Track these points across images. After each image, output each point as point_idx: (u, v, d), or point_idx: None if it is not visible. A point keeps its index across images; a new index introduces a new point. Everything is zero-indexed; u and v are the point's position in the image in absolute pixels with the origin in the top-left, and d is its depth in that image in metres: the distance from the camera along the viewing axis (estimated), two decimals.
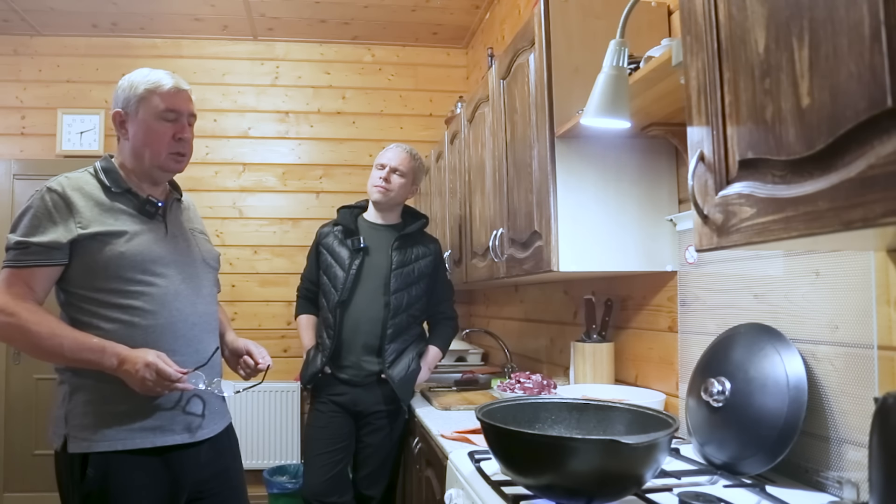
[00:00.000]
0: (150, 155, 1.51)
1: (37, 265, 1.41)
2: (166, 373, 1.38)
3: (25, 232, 1.41)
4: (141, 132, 1.50)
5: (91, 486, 1.39)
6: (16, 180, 3.80)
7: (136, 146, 1.51)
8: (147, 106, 1.50)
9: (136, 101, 1.50)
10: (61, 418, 1.43)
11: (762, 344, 1.25)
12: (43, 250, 1.40)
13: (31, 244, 1.40)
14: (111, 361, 1.38)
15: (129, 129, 1.52)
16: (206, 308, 1.58)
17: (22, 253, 1.41)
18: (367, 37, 4.08)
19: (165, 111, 1.50)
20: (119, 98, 1.52)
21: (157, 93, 1.50)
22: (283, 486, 3.40)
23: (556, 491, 1.07)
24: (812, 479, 1.19)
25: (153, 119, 1.50)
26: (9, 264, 1.41)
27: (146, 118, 1.50)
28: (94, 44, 3.95)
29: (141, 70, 1.54)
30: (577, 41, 1.66)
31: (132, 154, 1.53)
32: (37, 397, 3.69)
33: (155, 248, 1.50)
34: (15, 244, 1.41)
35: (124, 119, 1.52)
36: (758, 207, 0.82)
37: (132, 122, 1.51)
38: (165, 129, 1.51)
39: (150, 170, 1.53)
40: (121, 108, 1.52)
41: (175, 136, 1.52)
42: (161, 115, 1.50)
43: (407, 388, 2.30)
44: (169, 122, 1.51)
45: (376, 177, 2.40)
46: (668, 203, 1.71)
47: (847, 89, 0.66)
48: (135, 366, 1.37)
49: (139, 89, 1.50)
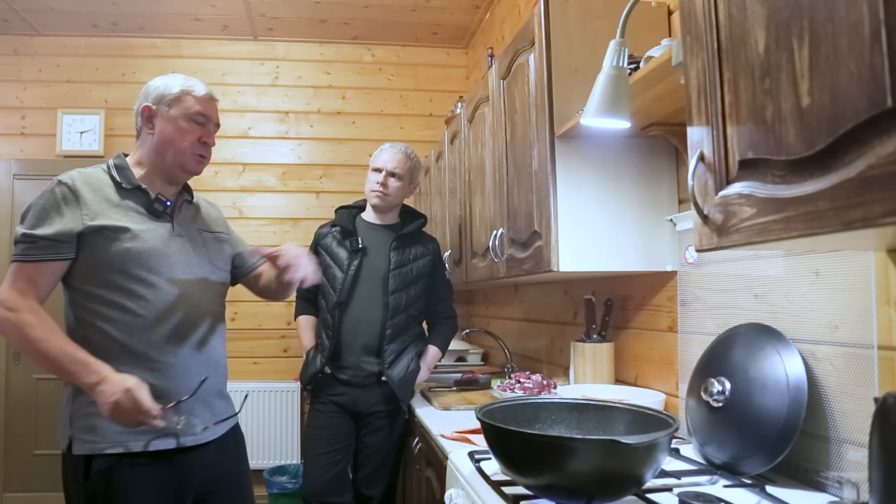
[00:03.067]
0: (175, 153, 1.53)
1: (43, 260, 1.40)
2: (143, 404, 1.33)
3: (33, 224, 1.41)
4: (170, 128, 1.53)
5: (95, 487, 1.39)
6: (16, 180, 3.80)
7: (160, 142, 1.53)
8: (181, 106, 1.53)
9: (170, 98, 1.53)
10: (66, 420, 1.44)
11: (762, 344, 1.25)
12: (50, 244, 1.40)
13: (39, 238, 1.40)
14: (91, 378, 1.33)
15: (157, 125, 1.53)
16: (210, 309, 1.58)
17: (29, 247, 1.40)
18: (367, 37, 4.08)
19: (197, 114, 1.54)
20: (150, 94, 1.55)
21: (192, 95, 1.55)
22: (283, 486, 3.40)
23: (556, 491, 1.07)
24: (812, 479, 1.19)
25: (184, 119, 1.53)
26: (17, 258, 1.41)
27: (177, 117, 1.53)
28: (94, 44, 3.94)
29: (177, 75, 1.59)
30: (577, 41, 1.66)
31: (154, 149, 1.54)
32: (37, 397, 3.68)
33: (161, 246, 1.50)
34: (22, 236, 1.41)
35: (153, 114, 1.54)
36: (758, 207, 0.82)
37: (162, 118, 1.53)
38: (194, 131, 1.54)
39: (171, 167, 1.55)
40: (151, 104, 1.54)
41: (201, 139, 1.56)
42: (192, 117, 1.54)
43: (406, 388, 2.30)
44: (198, 124, 1.55)
45: (373, 181, 2.39)
46: (668, 203, 1.71)
47: (847, 89, 0.66)
48: (113, 388, 1.32)
49: (175, 89, 1.54)
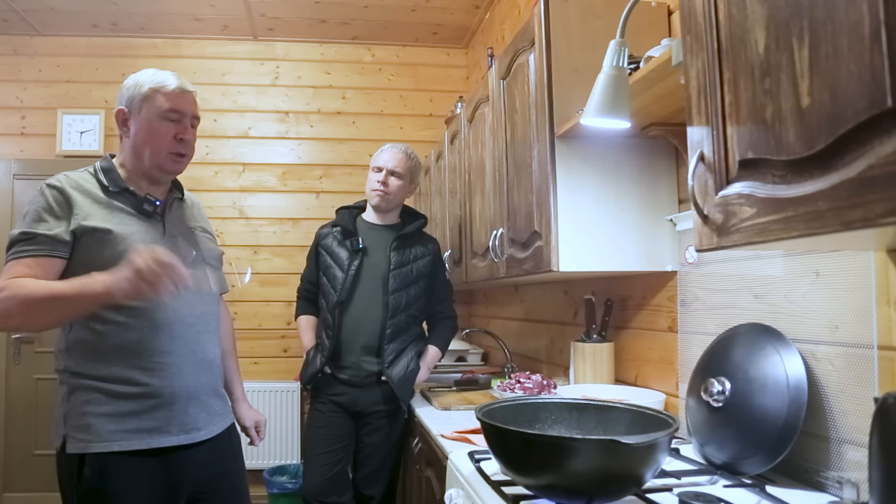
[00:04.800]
0: (150, 154, 1.51)
1: (41, 255, 1.39)
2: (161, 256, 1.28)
3: (29, 225, 1.41)
4: (143, 130, 1.50)
5: (88, 485, 1.39)
6: (16, 180, 3.80)
7: (136, 144, 1.51)
8: (150, 105, 1.49)
9: (139, 99, 1.50)
10: (60, 418, 1.44)
11: (762, 344, 1.25)
12: (49, 240, 1.40)
13: (38, 234, 1.39)
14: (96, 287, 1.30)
15: (131, 127, 1.51)
16: (204, 308, 1.58)
17: (27, 243, 1.39)
18: (367, 37, 4.08)
19: (168, 111, 1.50)
20: (123, 96, 1.52)
21: (161, 92, 1.50)
22: (283, 486, 3.40)
23: (556, 491, 1.07)
24: (812, 479, 1.19)
25: (156, 118, 1.50)
26: (12, 256, 1.39)
27: (149, 117, 1.49)
28: (94, 44, 3.95)
29: (147, 70, 1.54)
30: (577, 41, 1.66)
31: (132, 152, 1.52)
32: (37, 397, 3.68)
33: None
34: (20, 234, 1.40)
35: (127, 117, 1.52)
36: (758, 207, 0.82)
37: (135, 120, 1.51)
38: (167, 129, 1.50)
39: (150, 169, 1.53)
40: (124, 106, 1.52)
41: (176, 137, 1.51)
42: (164, 115, 1.50)
43: (406, 387, 2.30)
44: (172, 122, 1.51)
45: (374, 180, 2.39)
46: (668, 203, 1.71)
47: (847, 89, 0.66)
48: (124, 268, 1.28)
49: (144, 88, 1.50)
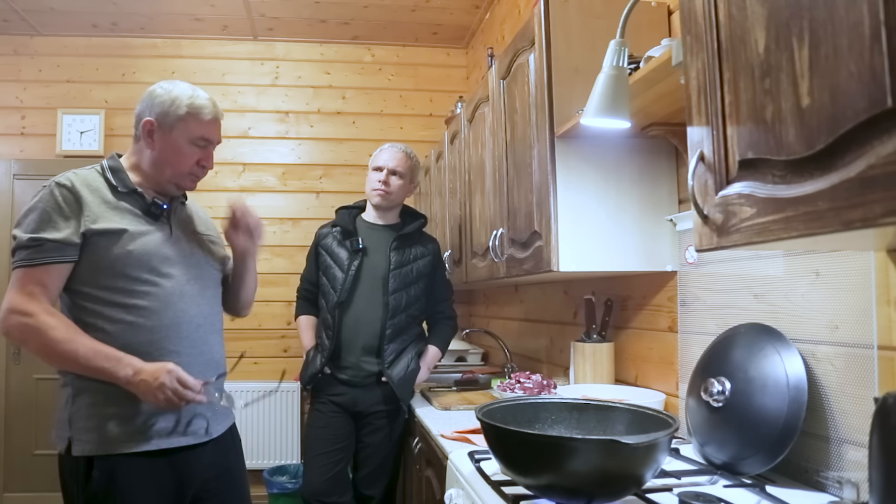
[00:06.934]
0: (172, 173, 1.54)
1: (52, 262, 1.38)
2: (188, 381, 1.38)
3: (36, 227, 1.39)
4: (170, 150, 1.51)
5: (96, 487, 1.39)
6: (16, 180, 3.80)
7: (159, 160, 1.52)
8: (184, 128, 1.51)
9: (174, 119, 1.50)
10: (65, 421, 1.43)
11: (762, 344, 1.25)
12: (58, 246, 1.38)
13: (46, 241, 1.38)
14: (126, 371, 1.36)
15: (157, 142, 1.51)
16: (210, 309, 1.59)
17: (36, 251, 1.38)
18: (367, 37, 4.08)
19: (199, 138, 1.53)
20: (153, 106, 1.51)
21: (197, 118, 1.51)
22: (283, 486, 3.40)
23: (556, 491, 1.07)
24: (812, 479, 1.19)
25: (185, 142, 1.52)
26: (21, 264, 1.38)
27: (179, 139, 1.51)
28: (94, 44, 3.94)
29: (182, 86, 1.54)
30: (577, 41, 1.66)
31: (153, 164, 1.53)
32: (37, 397, 3.68)
33: (161, 248, 1.49)
34: (28, 241, 1.38)
35: (153, 130, 1.51)
36: (758, 207, 0.82)
37: (164, 136, 1.51)
38: (193, 154, 1.53)
39: (166, 184, 1.55)
40: (153, 118, 1.50)
41: (199, 163, 1.55)
42: (194, 141, 1.52)
43: (406, 388, 2.30)
44: (199, 147, 1.54)
45: (374, 180, 2.39)
46: (668, 203, 1.71)
47: (847, 89, 0.66)
48: (154, 374, 1.36)
49: (181, 110, 1.50)
